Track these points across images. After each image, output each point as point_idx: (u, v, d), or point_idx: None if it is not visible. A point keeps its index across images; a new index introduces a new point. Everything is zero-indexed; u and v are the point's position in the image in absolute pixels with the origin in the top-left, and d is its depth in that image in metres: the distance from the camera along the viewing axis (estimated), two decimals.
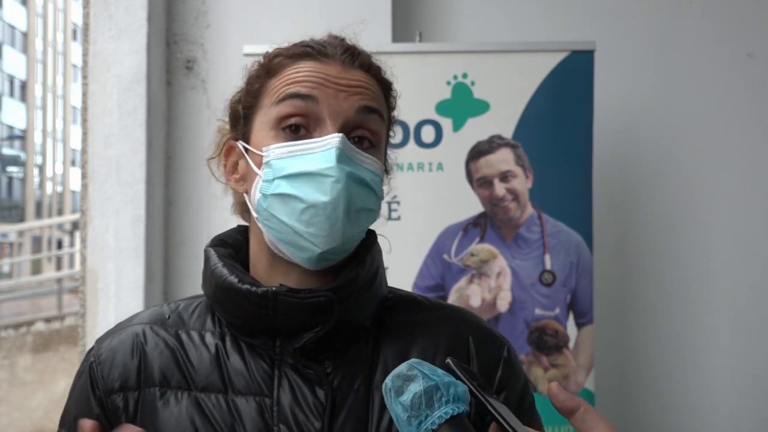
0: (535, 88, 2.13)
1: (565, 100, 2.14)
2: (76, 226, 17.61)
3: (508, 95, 2.14)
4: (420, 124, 2.15)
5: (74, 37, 35.52)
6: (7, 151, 33.96)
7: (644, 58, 2.56)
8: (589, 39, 2.20)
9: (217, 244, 0.92)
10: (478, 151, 2.14)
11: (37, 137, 34.58)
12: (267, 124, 0.86)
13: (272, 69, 0.88)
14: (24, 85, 33.70)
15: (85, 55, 2.39)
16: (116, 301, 2.31)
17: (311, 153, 0.81)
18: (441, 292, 2.13)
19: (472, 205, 2.14)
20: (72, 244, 28.83)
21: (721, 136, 2.54)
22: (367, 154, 0.84)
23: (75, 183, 35.82)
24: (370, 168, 0.84)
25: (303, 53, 0.87)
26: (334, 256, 0.84)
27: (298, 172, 0.81)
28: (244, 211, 0.93)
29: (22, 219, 31.56)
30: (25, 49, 33.59)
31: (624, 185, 2.54)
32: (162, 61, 2.47)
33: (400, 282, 0.95)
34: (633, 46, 2.55)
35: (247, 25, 2.47)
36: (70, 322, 7.87)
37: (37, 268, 20.63)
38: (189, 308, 0.91)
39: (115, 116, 2.35)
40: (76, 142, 34.48)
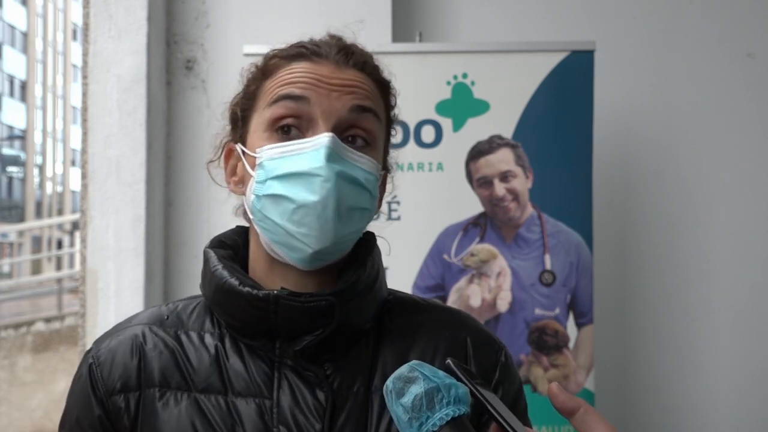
0: (535, 88, 2.13)
1: (565, 100, 2.14)
2: (76, 226, 17.61)
3: (508, 95, 2.14)
4: (420, 124, 2.15)
5: (74, 37, 35.52)
6: (7, 151, 33.97)
7: (644, 58, 2.56)
8: (589, 39, 2.20)
9: (217, 245, 0.92)
10: (478, 151, 2.14)
11: (37, 137, 34.58)
12: (261, 125, 0.86)
13: (267, 70, 0.88)
14: (24, 85, 33.71)
15: (85, 55, 2.39)
16: (116, 301, 2.31)
17: (302, 153, 0.81)
18: (441, 292, 2.12)
19: (472, 205, 2.14)
20: (72, 244, 28.83)
21: (721, 136, 2.54)
22: (361, 154, 0.84)
23: (75, 183, 35.82)
24: (363, 167, 0.83)
25: (297, 54, 0.87)
26: (328, 256, 0.83)
27: (289, 172, 0.81)
28: (245, 213, 0.93)
29: (22, 219, 31.57)
30: (25, 49, 33.60)
31: (624, 185, 2.54)
32: (162, 61, 2.47)
33: (400, 282, 0.95)
34: (633, 46, 2.55)
35: (247, 25, 2.47)
36: (70, 322, 7.87)
37: (37, 268, 20.62)
38: (187, 309, 0.91)
39: (115, 116, 2.35)
40: (76, 142, 34.48)
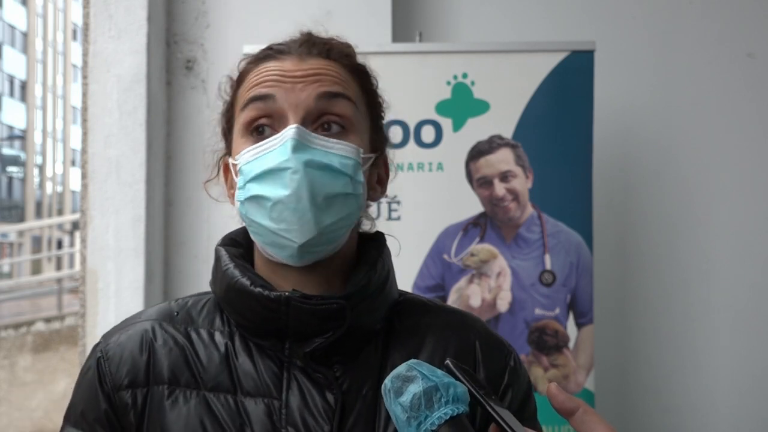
0: (535, 88, 2.13)
1: (565, 100, 2.14)
2: (76, 226, 17.60)
3: (508, 95, 2.14)
4: (420, 124, 2.15)
5: (74, 37, 35.53)
6: (7, 151, 33.97)
7: (644, 58, 2.56)
8: (589, 39, 2.20)
9: (228, 243, 0.91)
10: (478, 151, 2.14)
11: (37, 137, 34.59)
12: (239, 132, 0.86)
13: (240, 78, 0.89)
14: (24, 85, 33.71)
15: (85, 55, 2.39)
16: (116, 301, 2.31)
17: (271, 150, 0.81)
18: (441, 292, 2.12)
19: (472, 205, 2.14)
20: (72, 244, 28.82)
21: (721, 136, 2.54)
22: (335, 139, 0.83)
23: (75, 183, 35.82)
24: (338, 152, 0.82)
25: (264, 56, 0.88)
26: (318, 248, 0.83)
27: (262, 171, 0.81)
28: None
29: (22, 219, 31.57)
30: (25, 49, 33.60)
31: (624, 185, 2.54)
32: (162, 61, 2.47)
33: (400, 282, 0.95)
34: (633, 46, 2.55)
35: (247, 25, 2.47)
36: (70, 322, 7.87)
37: (37, 268, 20.62)
38: (197, 306, 0.90)
39: (115, 116, 2.35)
40: (76, 142, 34.48)
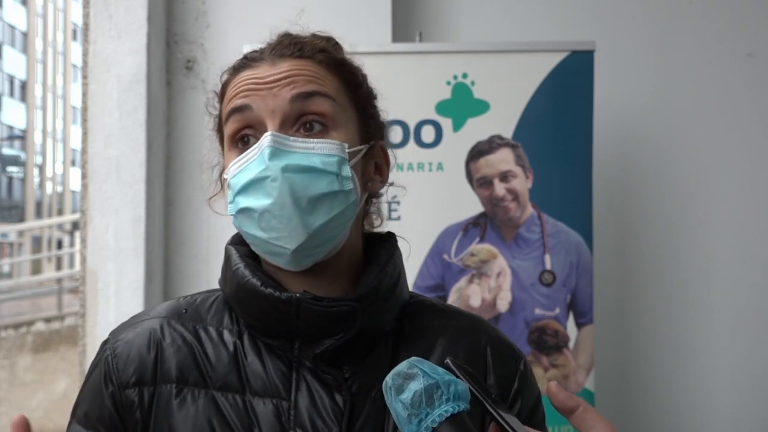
0: (535, 88, 2.13)
1: (565, 100, 2.14)
2: (76, 226, 17.61)
3: (508, 95, 2.14)
4: (420, 124, 2.15)
5: (74, 37, 35.53)
6: (7, 151, 33.97)
7: (644, 58, 2.56)
8: (589, 39, 2.20)
9: (238, 241, 0.91)
10: (478, 151, 2.14)
11: (37, 137, 34.59)
12: (227, 145, 0.86)
13: (222, 91, 0.89)
14: (24, 85, 33.72)
15: (85, 55, 2.39)
16: (116, 301, 2.31)
17: (252, 161, 0.81)
18: (441, 292, 2.13)
19: (472, 205, 2.14)
20: (72, 244, 28.83)
21: (721, 136, 2.54)
22: (317, 139, 0.82)
23: (75, 183, 35.82)
24: (319, 151, 0.81)
25: (240, 65, 0.87)
26: (313, 250, 0.82)
27: (245, 183, 0.81)
28: None
29: (22, 219, 31.58)
30: (25, 49, 33.61)
31: (624, 185, 2.54)
32: (162, 61, 2.47)
33: None
34: (633, 46, 2.55)
35: (247, 25, 2.47)
36: (70, 322, 7.86)
37: (37, 268, 20.62)
38: (206, 303, 0.90)
39: (115, 116, 2.35)
40: (76, 142, 34.48)
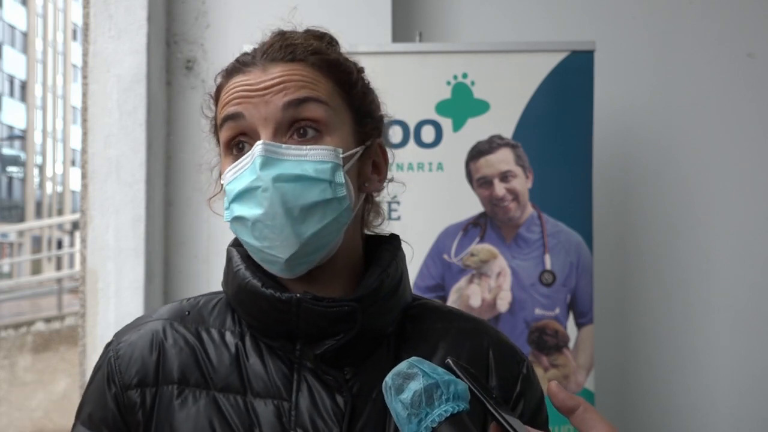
0: (535, 88, 2.13)
1: (565, 100, 2.14)
2: (76, 226, 17.61)
3: (508, 95, 2.14)
4: (420, 124, 2.15)
5: (74, 37, 35.54)
6: (7, 151, 33.98)
7: (644, 58, 2.56)
8: (589, 39, 2.20)
9: (239, 243, 0.90)
10: (478, 151, 2.14)
11: (37, 137, 34.60)
12: (223, 151, 0.86)
13: (216, 95, 0.88)
14: (24, 85, 33.73)
15: (85, 55, 2.39)
16: (116, 301, 2.31)
17: (245, 169, 0.81)
18: (441, 292, 2.13)
19: (472, 205, 2.14)
20: (72, 244, 28.84)
21: (721, 136, 2.54)
22: (310, 145, 0.81)
23: (75, 183, 35.83)
24: (312, 159, 0.80)
25: (233, 69, 0.86)
26: (306, 258, 0.82)
27: (239, 191, 0.81)
28: None
29: (22, 219, 31.58)
30: (25, 49, 33.61)
31: (624, 185, 2.54)
32: (162, 61, 2.47)
33: None
34: (633, 46, 2.55)
35: (247, 25, 2.47)
36: (70, 322, 7.86)
37: (37, 268, 20.63)
38: (208, 305, 0.90)
39: (115, 116, 2.35)
40: (76, 142, 34.49)
